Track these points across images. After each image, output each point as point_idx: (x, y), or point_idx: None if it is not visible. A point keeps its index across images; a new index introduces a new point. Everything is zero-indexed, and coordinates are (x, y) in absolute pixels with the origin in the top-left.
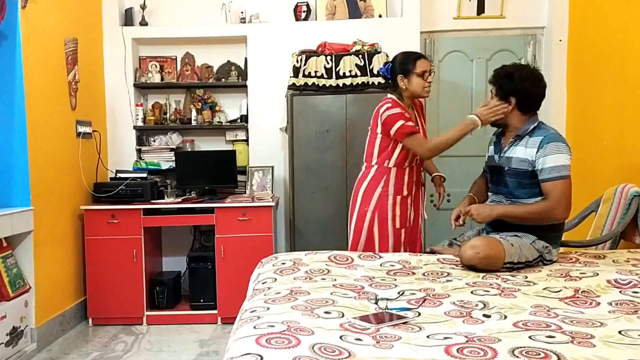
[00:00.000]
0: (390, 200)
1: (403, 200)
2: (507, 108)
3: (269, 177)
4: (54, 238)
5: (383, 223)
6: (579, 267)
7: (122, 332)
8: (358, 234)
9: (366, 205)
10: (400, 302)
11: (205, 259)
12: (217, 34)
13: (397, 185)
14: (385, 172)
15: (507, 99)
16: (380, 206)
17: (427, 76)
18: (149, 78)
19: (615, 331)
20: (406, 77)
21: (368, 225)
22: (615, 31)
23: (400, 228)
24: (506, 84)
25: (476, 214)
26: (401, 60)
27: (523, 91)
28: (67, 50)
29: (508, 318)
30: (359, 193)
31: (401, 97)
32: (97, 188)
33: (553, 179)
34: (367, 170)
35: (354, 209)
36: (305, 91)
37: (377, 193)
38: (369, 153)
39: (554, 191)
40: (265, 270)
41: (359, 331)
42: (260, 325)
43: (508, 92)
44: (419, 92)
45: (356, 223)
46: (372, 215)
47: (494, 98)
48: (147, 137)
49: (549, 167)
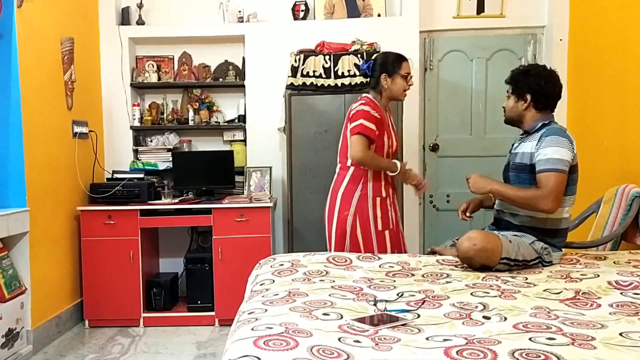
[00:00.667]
0: (370, 201)
1: (382, 201)
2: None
3: (266, 178)
4: (50, 239)
5: (365, 225)
6: (580, 269)
7: (119, 334)
8: (342, 238)
9: (346, 209)
10: (399, 304)
11: (203, 260)
12: (215, 33)
13: (376, 187)
14: (362, 174)
15: (522, 96)
16: (360, 208)
17: (409, 79)
18: (145, 78)
19: (616, 333)
20: (390, 76)
21: (351, 230)
22: (617, 30)
23: (383, 230)
24: (522, 80)
25: (472, 183)
26: (385, 60)
27: (537, 88)
28: (63, 50)
29: (508, 320)
30: (337, 196)
31: (379, 97)
32: (93, 189)
33: (546, 170)
34: (343, 172)
35: (332, 213)
36: (304, 91)
37: (357, 195)
38: (343, 153)
39: (545, 182)
40: (263, 271)
41: (358, 333)
42: (258, 327)
43: (523, 88)
44: (398, 94)
45: (337, 227)
46: (353, 219)
47: (511, 98)
48: (144, 137)
49: (544, 159)
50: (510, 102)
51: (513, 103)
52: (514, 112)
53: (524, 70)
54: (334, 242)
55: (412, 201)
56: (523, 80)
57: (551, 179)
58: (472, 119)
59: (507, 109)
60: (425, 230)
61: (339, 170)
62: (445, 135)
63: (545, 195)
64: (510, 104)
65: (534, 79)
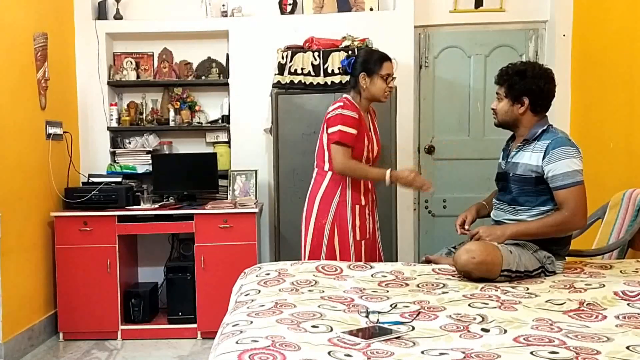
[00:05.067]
0: (349, 210)
1: (361, 210)
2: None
3: (252, 182)
4: (22, 247)
5: (344, 235)
6: (584, 278)
7: (95, 347)
8: (318, 248)
9: (324, 217)
10: (392, 316)
11: (184, 269)
12: (197, 28)
13: (355, 194)
14: (341, 179)
15: (519, 100)
16: (339, 217)
17: (390, 80)
18: (123, 76)
19: (622, 347)
20: (369, 76)
21: (328, 240)
22: (624, 25)
23: (360, 240)
24: (518, 82)
25: (486, 237)
26: (366, 58)
27: (537, 90)
28: (36, 46)
29: (508, 332)
30: (314, 202)
31: (358, 98)
32: (68, 193)
33: (567, 186)
34: (320, 178)
35: (309, 220)
36: (291, 89)
37: (335, 203)
38: (320, 157)
39: (570, 199)
40: (248, 281)
41: (349, 347)
42: (243, 340)
43: (520, 91)
44: (378, 96)
45: (314, 235)
46: (331, 228)
47: (503, 100)
48: (122, 138)
49: (560, 173)
50: (504, 106)
51: (507, 107)
52: (509, 116)
53: (519, 70)
54: (308, 251)
55: (406, 207)
56: (519, 82)
57: (573, 194)
58: (470, 119)
59: (500, 113)
60: (420, 238)
61: (315, 175)
62: (442, 136)
63: (574, 214)
64: (503, 107)
65: (532, 80)
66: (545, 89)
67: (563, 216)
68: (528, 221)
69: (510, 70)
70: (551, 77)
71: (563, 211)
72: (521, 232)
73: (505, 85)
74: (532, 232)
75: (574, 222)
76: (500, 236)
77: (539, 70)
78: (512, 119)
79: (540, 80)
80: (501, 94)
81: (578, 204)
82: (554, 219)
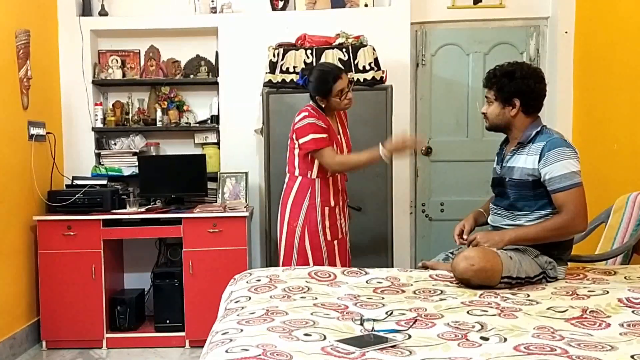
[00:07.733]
0: (319, 212)
1: (331, 211)
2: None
3: (242, 184)
4: (3, 252)
5: (314, 237)
6: (587, 285)
7: (80, 356)
8: (290, 250)
9: (295, 220)
10: (388, 323)
11: (172, 275)
12: (185, 25)
13: (324, 197)
14: (310, 183)
15: (509, 102)
16: (309, 220)
17: (346, 93)
18: (109, 74)
19: (627, 355)
20: (324, 97)
21: (299, 242)
22: (628, 22)
23: (332, 240)
24: (507, 84)
25: (485, 242)
26: (316, 84)
27: (527, 90)
28: (18, 44)
29: (508, 341)
30: (286, 207)
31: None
32: (51, 196)
33: (565, 188)
34: (291, 182)
35: (282, 224)
36: (283, 89)
37: (305, 206)
38: (291, 162)
39: (569, 201)
40: (238, 287)
41: (343, 355)
42: (233, 349)
43: (510, 93)
44: (340, 108)
45: (287, 239)
46: (302, 230)
47: (493, 104)
48: (107, 139)
49: (558, 176)
50: (495, 109)
51: (498, 110)
52: (501, 119)
53: (507, 71)
54: (283, 254)
55: (403, 210)
56: (509, 84)
57: (572, 196)
58: (468, 119)
59: (491, 117)
60: (417, 242)
61: (287, 180)
62: (439, 137)
63: (574, 217)
64: (494, 110)
65: (522, 80)
66: (536, 88)
67: (563, 219)
68: (527, 226)
69: (498, 72)
70: (541, 76)
71: (562, 214)
72: (520, 237)
73: (494, 88)
74: (532, 237)
75: (574, 226)
76: (499, 242)
77: (527, 70)
78: (504, 122)
79: (530, 80)
80: (490, 97)
81: (577, 206)
82: (554, 222)
